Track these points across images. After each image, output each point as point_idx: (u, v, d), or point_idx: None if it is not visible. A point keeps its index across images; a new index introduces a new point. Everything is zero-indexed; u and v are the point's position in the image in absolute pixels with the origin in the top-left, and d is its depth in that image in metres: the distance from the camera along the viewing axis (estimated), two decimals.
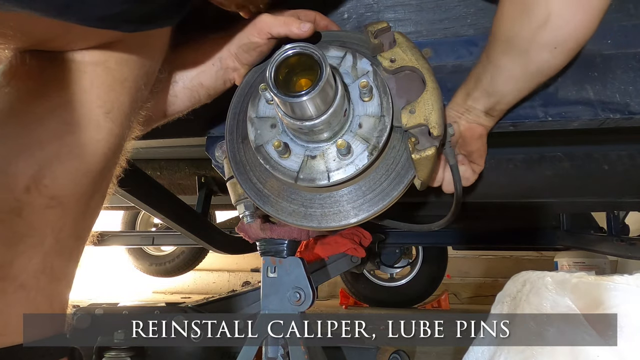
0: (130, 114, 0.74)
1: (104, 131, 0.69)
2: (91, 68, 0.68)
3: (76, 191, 0.68)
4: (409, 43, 0.82)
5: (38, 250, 0.67)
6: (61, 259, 0.71)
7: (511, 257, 5.13)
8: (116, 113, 0.70)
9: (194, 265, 4.24)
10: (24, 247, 0.66)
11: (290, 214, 0.82)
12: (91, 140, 0.68)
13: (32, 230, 0.66)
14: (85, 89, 0.67)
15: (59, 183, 0.66)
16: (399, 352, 1.56)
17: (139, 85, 0.74)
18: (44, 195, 0.65)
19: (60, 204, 0.67)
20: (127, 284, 5.04)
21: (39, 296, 0.69)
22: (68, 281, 0.75)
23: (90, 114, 0.68)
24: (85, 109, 0.67)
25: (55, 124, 0.66)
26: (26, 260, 0.67)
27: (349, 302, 3.89)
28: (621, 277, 0.95)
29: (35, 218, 0.66)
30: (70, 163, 0.66)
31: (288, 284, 1.00)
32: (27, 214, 0.65)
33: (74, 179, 0.67)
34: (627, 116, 0.90)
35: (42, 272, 0.69)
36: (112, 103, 0.69)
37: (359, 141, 0.76)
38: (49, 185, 0.65)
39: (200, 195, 2.09)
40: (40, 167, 0.65)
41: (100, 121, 0.68)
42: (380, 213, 0.80)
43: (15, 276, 0.66)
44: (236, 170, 0.86)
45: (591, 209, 2.37)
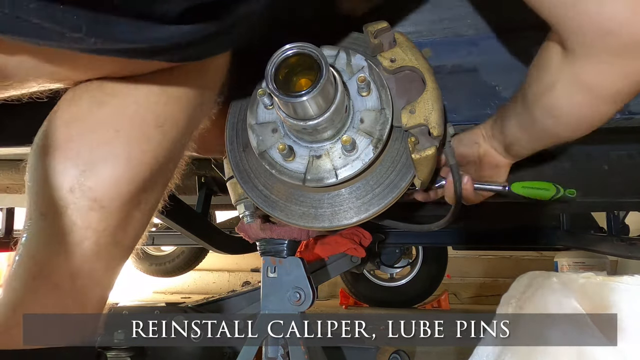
0: (183, 131, 0.75)
1: (153, 143, 0.70)
2: (148, 85, 0.70)
3: (119, 197, 0.69)
4: (409, 43, 0.82)
5: (76, 251, 0.68)
6: (99, 264, 0.72)
7: (511, 257, 5.12)
8: (168, 127, 0.72)
9: (194, 265, 4.23)
10: (63, 247, 0.67)
11: (300, 216, 0.82)
12: (139, 150, 0.69)
13: (73, 230, 0.67)
14: (139, 102, 0.69)
15: (102, 187, 0.67)
16: (399, 352, 1.57)
17: (194, 105, 0.75)
18: (87, 196, 0.67)
19: (102, 208, 0.68)
20: (127, 284, 5.04)
21: (71, 299, 0.70)
22: (104, 288, 0.76)
23: (141, 125, 0.69)
24: (137, 120, 0.69)
25: (105, 131, 0.68)
26: (63, 260, 0.67)
27: (349, 302, 3.89)
28: (631, 277, 0.94)
29: (76, 218, 0.67)
30: (115, 169, 0.68)
31: (288, 284, 1.00)
32: (70, 213, 0.67)
33: (117, 185, 0.68)
34: (627, 116, 0.90)
35: (78, 275, 0.69)
36: (165, 117, 0.71)
37: (363, 136, 0.76)
38: (93, 187, 0.67)
39: (200, 195, 2.09)
40: (85, 169, 0.67)
41: (150, 133, 0.70)
42: (390, 205, 0.80)
43: (50, 275, 0.67)
44: (241, 180, 0.86)
45: (591, 209, 2.37)
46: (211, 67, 0.77)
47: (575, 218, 2.51)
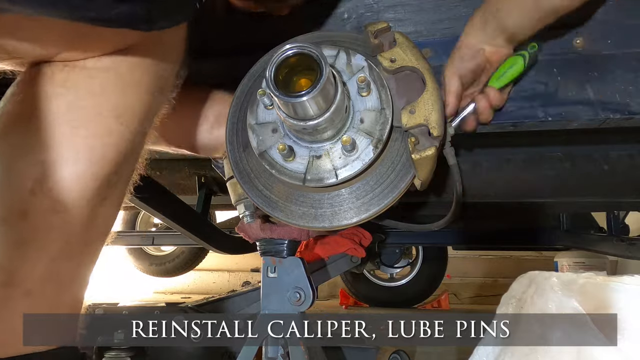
0: (143, 119, 0.72)
1: (115, 135, 0.68)
2: (102, 73, 0.67)
3: (84, 195, 0.66)
4: (409, 43, 0.82)
5: (44, 255, 0.65)
6: (69, 265, 0.69)
7: (511, 257, 5.12)
8: (128, 117, 0.69)
9: (194, 265, 4.23)
10: (30, 252, 0.64)
11: (300, 217, 0.82)
12: (100, 144, 0.66)
13: (38, 234, 0.65)
14: (95, 93, 0.66)
15: (64, 186, 0.64)
16: (399, 352, 1.57)
17: (153, 90, 0.72)
18: (49, 198, 0.64)
19: (67, 208, 0.65)
20: (127, 284, 5.04)
21: (45, 304, 0.67)
22: (78, 289, 0.73)
23: (99, 118, 0.66)
24: (95, 113, 0.66)
25: (62, 128, 0.65)
26: (31, 265, 0.65)
27: (349, 302, 3.89)
28: (631, 277, 0.94)
29: (40, 221, 0.64)
30: (76, 167, 0.65)
31: (288, 284, 1.00)
32: (32, 217, 0.64)
33: (80, 183, 0.65)
34: (627, 116, 0.90)
35: (49, 279, 0.67)
36: (123, 107, 0.68)
37: (363, 136, 0.76)
38: (54, 188, 0.64)
39: (200, 195, 2.09)
40: (45, 170, 0.64)
41: (110, 125, 0.67)
42: (390, 206, 0.80)
43: (20, 282, 0.65)
44: (241, 180, 0.85)
45: (591, 209, 2.37)
46: (167, 46, 0.73)
47: (575, 218, 2.51)
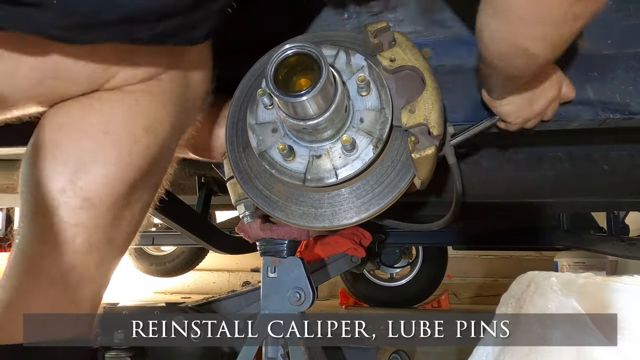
0: (171, 132, 0.79)
1: (142, 144, 0.74)
2: (136, 93, 0.74)
3: (110, 196, 0.73)
4: (408, 43, 0.82)
5: (68, 248, 0.71)
6: (91, 261, 0.74)
7: (511, 257, 5.12)
8: (155, 129, 0.75)
9: (194, 265, 4.24)
10: (54, 244, 0.70)
11: (300, 216, 0.82)
12: (128, 151, 0.73)
13: (64, 228, 0.70)
14: (128, 107, 0.73)
15: (93, 186, 0.71)
16: (399, 352, 1.57)
17: (180, 109, 0.79)
18: (78, 196, 0.70)
19: (93, 206, 0.71)
20: (127, 284, 5.04)
21: (65, 296, 0.73)
22: (97, 285, 0.78)
23: (129, 128, 0.73)
24: (126, 123, 0.73)
25: (95, 134, 0.71)
26: (55, 256, 0.71)
27: (349, 302, 3.89)
28: (630, 277, 0.94)
29: (68, 217, 0.70)
30: (105, 169, 0.71)
31: (288, 284, 1.00)
32: (60, 212, 0.70)
33: (108, 184, 0.72)
34: (627, 116, 0.90)
35: (71, 271, 0.72)
36: (152, 120, 0.75)
37: (363, 135, 0.76)
38: (84, 187, 0.70)
39: (200, 195, 2.09)
40: (76, 170, 0.70)
41: (138, 134, 0.73)
42: (390, 205, 0.80)
43: (42, 271, 0.70)
44: (241, 180, 0.85)
45: (591, 209, 2.37)
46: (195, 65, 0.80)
47: (575, 218, 2.52)
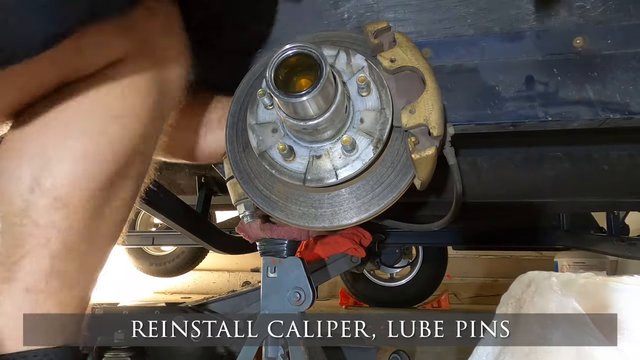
0: (146, 123, 0.72)
1: (110, 135, 0.68)
2: (101, 79, 0.68)
3: (82, 194, 0.67)
4: (409, 43, 0.82)
5: (44, 251, 0.67)
6: (73, 264, 0.70)
7: (511, 257, 5.12)
8: (127, 120, 0.69)
9: (194, 265, 4.23)
10: (29, 248, 0.66)
11: (300, 216, 0.82)
12: (96, 145, 0.67)
13: (37, 229, 0.66)
14: (93, 97, 0.67)
15: (61, 185, 0.66)
16: (399, 352, 1.56)
17: (157, 93, 0.73)
18: (47, 195, 0.65)
19: (66, 206, 0.66)
20: (127, 284, 5.04)
21: (51, 301, 0.68)
22: (83, 288, 0.74)
23: (96, 120, 0.67)
24: (92, 115, 0.67)
25: (58, 128, 0.66)
26: (32, 260, 0.66)
27: (349, 302, 3.89)
28: (630, 277, 0.93)
29: (40, 218, 0.66)
30: (72, 165, 0.66)
31: (288, 284, 1.00)
32: (32, 213, 0.66)
33: (75, 181, 0.67)
34: (627, 116, 0.90)
35: (51, 276, 0.67)
36: (122, 110, 0.69)
37: (363, 136, 0.76)
38: (51, 186, 0.66)
39: (200, 195, 2.09)
40: (42, 169, 0.65)
41: (106, 127, 0.68)
42: (390, 205, 0.80)
43: (20, 277, 0.66)
44: (241, 180, 0.86)
45: (591, 209, 2.37)
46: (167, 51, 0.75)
47: (575, 218, 2.51)
